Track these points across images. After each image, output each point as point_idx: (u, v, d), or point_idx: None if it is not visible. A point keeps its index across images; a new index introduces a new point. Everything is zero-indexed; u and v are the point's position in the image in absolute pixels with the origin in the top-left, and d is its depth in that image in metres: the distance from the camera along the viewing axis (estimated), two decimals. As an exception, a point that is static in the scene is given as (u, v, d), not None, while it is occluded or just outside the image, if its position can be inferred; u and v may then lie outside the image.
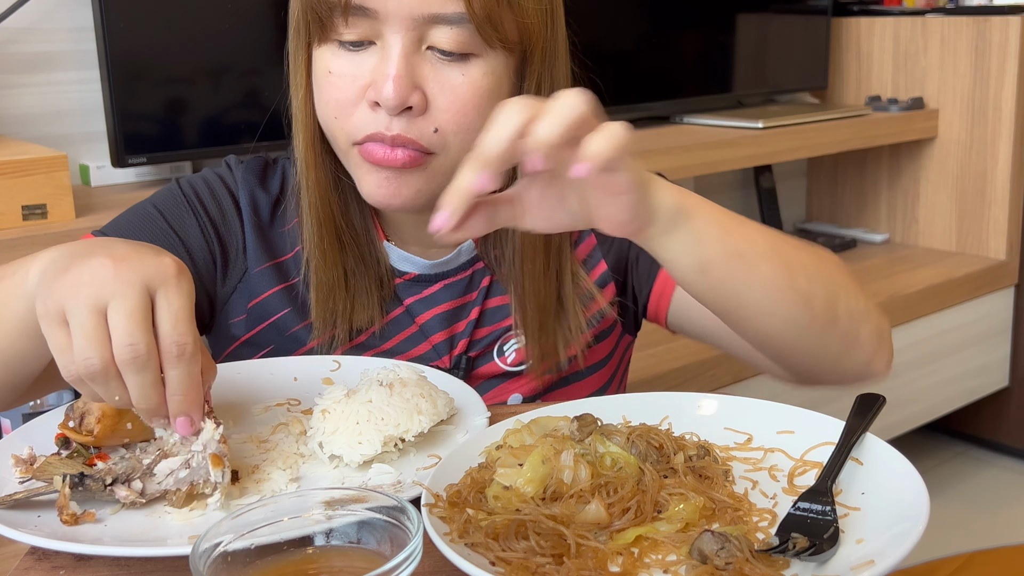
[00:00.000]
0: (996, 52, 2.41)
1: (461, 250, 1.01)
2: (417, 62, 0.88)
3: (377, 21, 0.87)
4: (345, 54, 0.90)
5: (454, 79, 0.89)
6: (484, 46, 0.89)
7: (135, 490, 0.70)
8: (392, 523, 0.58)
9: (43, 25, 1.67)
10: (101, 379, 0.68)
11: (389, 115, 0.88)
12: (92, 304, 0.67)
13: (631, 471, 0.68)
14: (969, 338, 2.47)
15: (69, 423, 0.78)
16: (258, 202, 1.01)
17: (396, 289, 1.01)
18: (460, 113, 0.90)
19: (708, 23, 2.36)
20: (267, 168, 1.04)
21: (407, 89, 0.87)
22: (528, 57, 0.93)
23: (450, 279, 1.01)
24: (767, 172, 2.68)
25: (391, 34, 0.88)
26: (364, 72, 0.89)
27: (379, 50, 0.89)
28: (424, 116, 0.89)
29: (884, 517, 0.64)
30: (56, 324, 0.69)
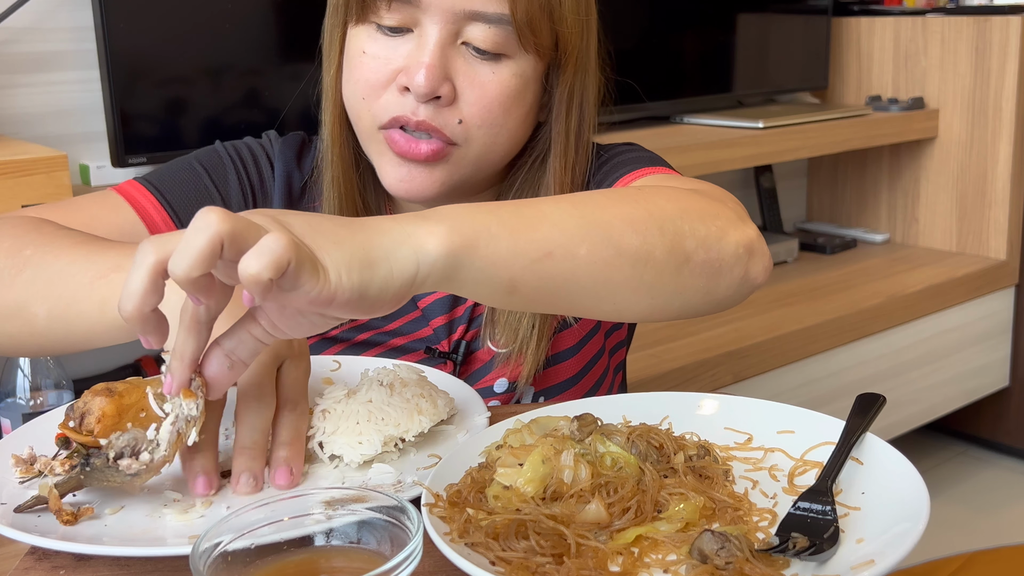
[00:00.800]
0: (996, 52, 2.41)
1: None
2: (451, 55, 0.90)
3: (418, 10, 0.89)
4: (382, 37, 0.92)
5: (484, 76, 0.91)
6: (519, 48, 0.91)
7: (143, 461, 0.69)
8: (392, 523, 0.58)
9: (43, 25, 1.67)
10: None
11: (417, 101, 0.90)
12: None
13: (631, 471, 0.68)
14: (969, 338, 2.47)
15: (69, 423, 0.78)
16: (292, 177, 1.04)
17: None
18: (486, 109, 0.92)
19: (708, 23, 2.36)
20: (304, 146, 1.07)
21: (439, 79, 0.89)
22: (562, 66, 0.95)
23: None
24: (767, 172, 2.68)
25: (430, 24, 0.89)
26: (398, 57, 0.91)
27: (415, 38, 0.91)
28: (451, 108, 0.91)
29: (884, 517, 0.64)
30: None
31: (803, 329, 2.11)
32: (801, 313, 2.18)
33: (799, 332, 2.11)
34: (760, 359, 2.05)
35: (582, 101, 0.98)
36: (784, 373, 2.10)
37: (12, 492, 0.72)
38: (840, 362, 2.20)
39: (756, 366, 2.04)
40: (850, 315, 2.19)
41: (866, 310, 2.22)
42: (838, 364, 2.20)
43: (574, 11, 0.94)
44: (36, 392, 1.52)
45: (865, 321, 2.22)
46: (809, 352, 2.13)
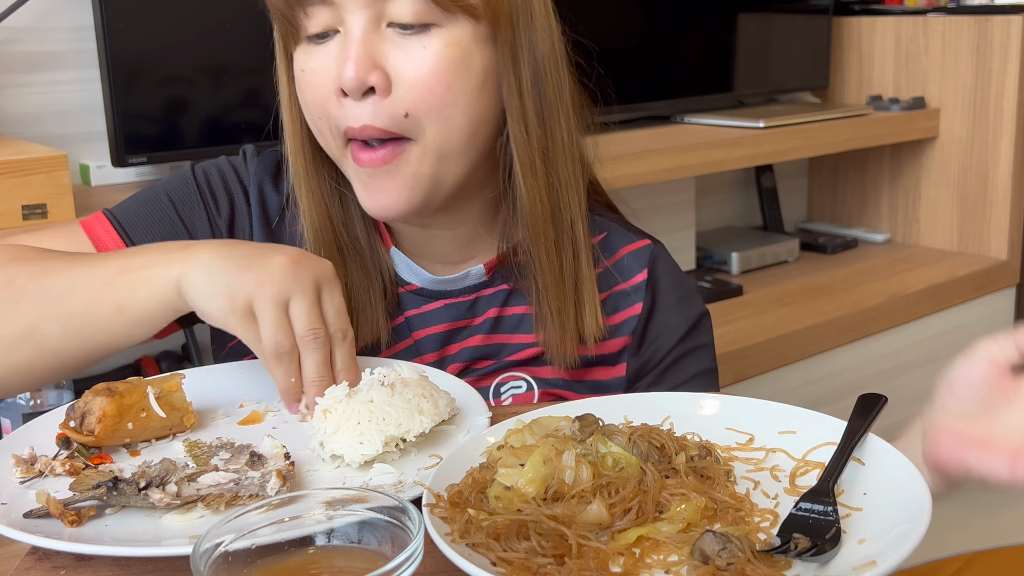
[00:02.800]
0: (997, 52, 2.41)
1: (470, 272, 0.99)
2: (376, 41, 0.86)
3: (336, 7, 0.86)
4: (315, 49, 0.89)
5: (415, 53, 0.86)
6: (443, 14, 0.86)
7: (170, 493, 0.69)
8: (393, 523, 0.57)
9: (43, 24, 1.67)
10: (287, 360, 0.81)
11: (354, 100, 0.86)
12: (277, 299, 0.80)
13: (632, 471, 0.68)
14: (970, 338, 2.44)
15: (70, 423, 0.78)
16: (267, 200, 1.01)
17: (400, 298, 0.99)
18: (426, 89, 0.86)
19: (709, 22, 2.36)
20: (282, 165, 1.02)
21: (365, 69, 0.85)
22: (497, 24, 0.89)
23: (451, 299, 0.99)
24: (768, 172, 2.68)
25: (350, 17, 0.86)
26: (331, 63, 0.88)
27: (341, 37, 0.87)
28: (389, 98, 0.86)
29: (886, 517, 0.64)
30: (245, 317, 0.80)
31: (804, 329, 2.11)
32: (802, 313, 2.18)
33: (800, 332, 2.10)
34: (761, 359, 2.04)
35: (534, 58, 0.91)
36: (785, 373, 2.10)
37: (12, 492, 0.72)
38: (841, 362, 2.20)
39: (757, 366, 2.04)
40: (851, 315, 2.19)
41: (867, 310, 2.22)
42: (839, 364, 2.20)
43: None
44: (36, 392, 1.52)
45: (866, 321, 2.22)
46: (810, 352, 2.13)
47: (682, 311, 1.02)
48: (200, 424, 0.84)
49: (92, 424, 0.77)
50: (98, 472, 0.72)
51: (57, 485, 0.72)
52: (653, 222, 2.23)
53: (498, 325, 1.00)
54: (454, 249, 0.99)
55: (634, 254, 1.02)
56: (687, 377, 1.01)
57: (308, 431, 0.79)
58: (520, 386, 0.99)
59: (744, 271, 2.46)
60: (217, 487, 0.70)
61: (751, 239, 2.57)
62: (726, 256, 2.46)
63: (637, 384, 1.01)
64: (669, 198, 2.31)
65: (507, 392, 0.99)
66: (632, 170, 1.90)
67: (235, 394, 0.89)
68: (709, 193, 2.64)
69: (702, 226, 2.58)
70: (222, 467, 0.72)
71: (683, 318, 1.02)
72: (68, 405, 0.80)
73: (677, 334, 1.02)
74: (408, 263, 0.99)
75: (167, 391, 0.81)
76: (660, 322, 1.02)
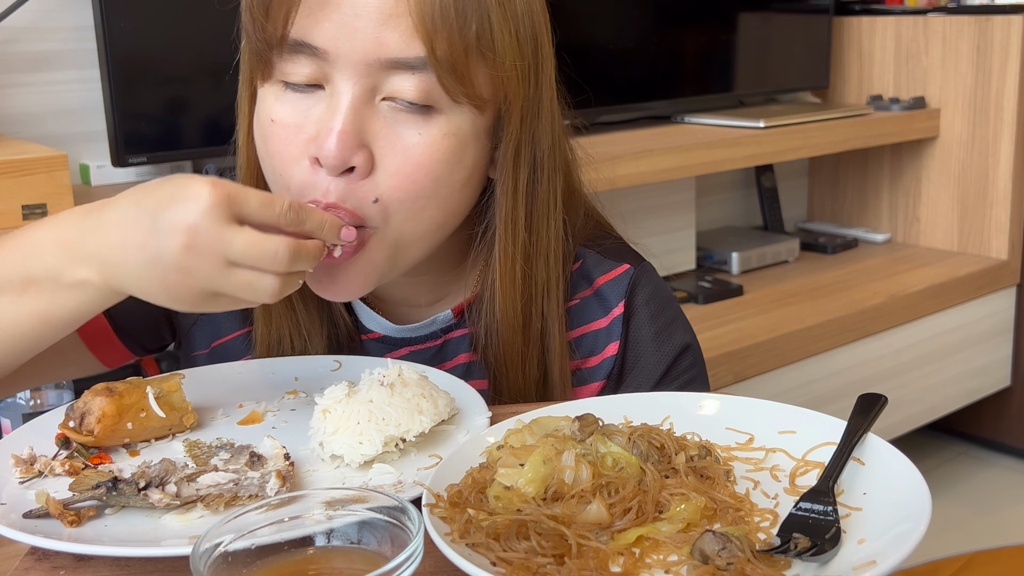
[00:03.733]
0: (998, 51, 2.41)
1: (437, 318, 0.94)
2: (368, 115, 0.78)
3: (326, 63, 0.77)
4: (290, 97, 0.79)
5: (408, 138, 0.78)
6: (448, 100, 0.78)
7: (169, 493, 0.69)
8: (393, 523, 0.57)
9: (43, 24, 1.67)
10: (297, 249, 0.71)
11: (329, 175, 0.78)
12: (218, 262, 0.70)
13: (632, 471, 0.68)
14: (971, 338, 2.47)
15: (69, 423, 0.78)
16: None
17: (364, 345, 0.96)
18: (409, 179, 0.78)
19: (709, 22, 2.36)
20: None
21: (351, 147, 0.77)
22: (504, 117, 0.82)
23: (416, 346, 0.95)
24: (768, 172, 2.68)
25: (341, 80, 0.77)
26: (309, 122, 0.79)
27: (328, 97, 0.78)
28: (368, 179, 0.78)
29: (886, 517, 0.64)
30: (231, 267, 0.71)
31: (804, 329, 2.11)
32: (802, 313, 2.18)
33: (800, 332, 2.10)
34: (761, 359, 2.04)
35: (533, 156, 0.85)
36: (785, 373, 2.10)
37: (12, 492, 0.72)
38: (841, 362, 2.20)
39: (757, 366, 2.04)
40: (851, 315, 2.19)
41: (867, 310, 2.22)
42: (839, 364, 2.20)
43: (514, 52, 0.80)
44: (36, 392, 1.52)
45: (866, 321, 2.22)
46: (810, 352, 2.13)
47: (660, 345, 0.96)
48: (200, 424, 0.84)
49: (91, 424, 0.77)
50: (98, 472, 0.72)
51: (57, 485, 0.72)
52: (653, 222, 2.23)
53: (471, 372, 0.94)
54: (420, 294, 0.95)
55: (611, 284, 0.96)
56: None
57: (308, 431, 0.79)
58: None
59: (744, 271, 2.46)
60: (216, 487, 0.70)
61: (751, 239, 2.57)
62: (726, 256, 2.46)
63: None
64: (669, 198, 2.31)
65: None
66: (632, 170, 1.90)
67: (235, 394, 0.89)
68: (709, 193, 2.64)
69: (702, 226, 2.58)
70: (222, 467, 0.72)
71: (661, 355, 0.95)
72: (68, 405, 0.80)
73: (655, 373, 0.95)
74: (369, 313, 0.95)
75: (167, 391, 0.81)
76: (637, 360, 0.95)
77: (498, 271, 0.87)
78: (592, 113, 0.94)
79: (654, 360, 0.96)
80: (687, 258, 2.41)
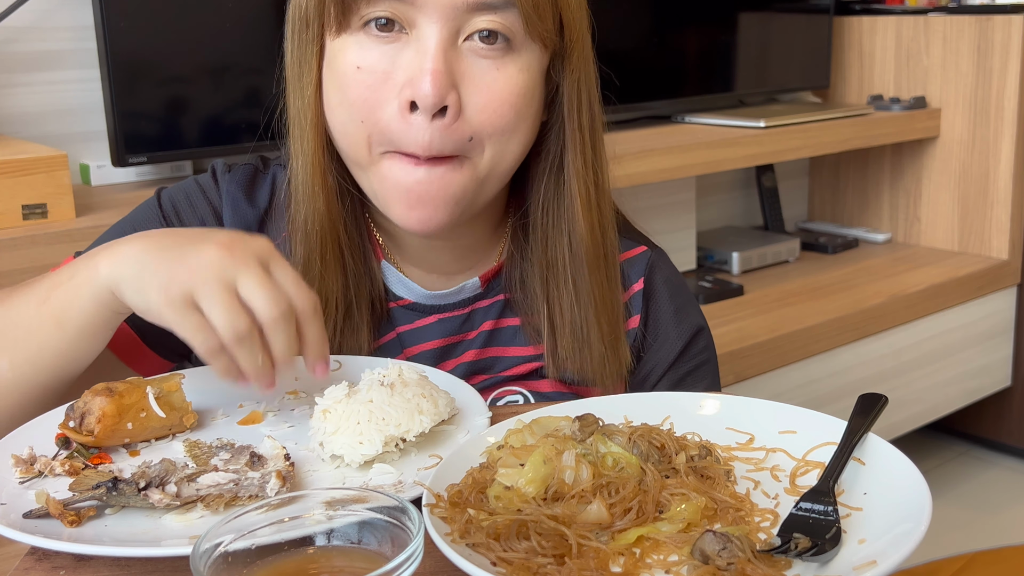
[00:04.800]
0: (998, 51, 2.41)
1: (465, 286, 0.97)
2: (454, 57, 0.82)
3: (412, 7, 0.81)
4: (375, 45, 0.83)
5: (489, 75, 0.83)
6: (525, 38, 0.84)
7: (169, 493, 0.69)
8: (393, 523, 0.57)
9: (43, 24, 1.67)
10: (248, 343, 0.74)
11: (425, 116, 0.82)
12: (222, 282, 0.73)
13: (633, 471, 0.68)
14: (971, 338, 2.47)
15: (69, 423, 0.78)
16: (242, 218, 0.96)
17: (391, 313, 0.97)
18: (496, 114, 0.84)
19: (710, 22, 2.36)
20: (256, 177, 0.98)
21: (446, 87, 0.81)
22: (567, 55, 0.88)
23: (445, 314, 0.97)
24: (769, 171, 2.68)
25: (427, 23, 0.81)
26: (398, 68, 0.83)
27: (413, 42, 0.82)
28: (459, 121, 0.83)
29: (886, 517, 0.64)
30: (183, 306, 0.73)
31: (805, 329, 2.11)
32: (803, 313, 2.18)
33: (800, 332, 2.10)
34: (761, 359, 2.04)
35: (589, 94, 0.92)
36: (786, 373, 2.10)
37: (12, 492, 0.72)
38: (842, 362, 2.20)
39: (757, 366, 2.04)
40: (852, 315, 2.19)
41: (868, 310, 2.22)
42: (840, 364, 2.20)
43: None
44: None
45: (867, 321, 2.22)
46: (811, 352, 2.13)
47: (680, 322, 1.00)
48: (200, 424, 0.84)
49: (91, 424, 0.77)
50: (98, 472, 0.72)
51: (56, 485, 0.72)
52: (653, 222, 2.23)
53: (493, 338, 0.98)
54: (452, 260, 0.98)
55: (631, 262, 1.00)
56: None
57: (308, 431, 0.79)
58: (517, 400, 0.97)
59: (745, 271, 2.46)
60: (216, 487, 0.70)
61: (752, 239, 2.57)
62: (727, 256, 2.46)
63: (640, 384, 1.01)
64: (670, 198, 2.31)
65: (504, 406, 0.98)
66: (632, 170, 1.90)
67: (235, 394, 0.89)
68: (710, 193, 2.64)
69: (703, 226, 2.58)
70: (222, 467, 0.72)
71: (680, 330, 1.00)
72: (68, 405, 0.80)
73: (675, 350, 0.99)
74: (400, 277, 0.96)
75: (167, 391, 0.81)
76: (657, 335, 0.99)
77: (578, 203, 0.91)
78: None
79: (674, 336, 0.99)
80: (687, 258, 2.41)
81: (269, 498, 0.63)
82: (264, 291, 0.73)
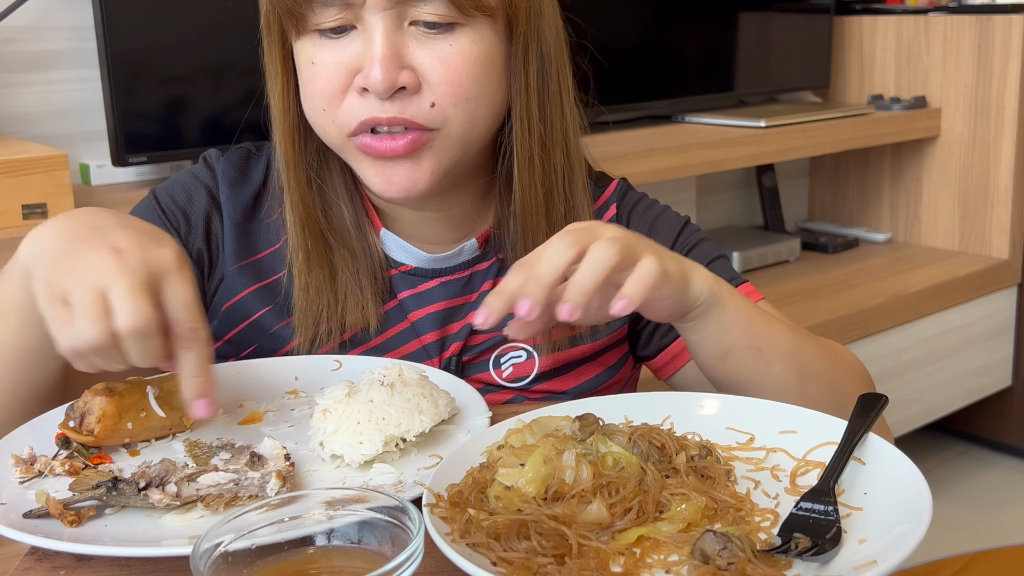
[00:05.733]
0: (999, 51, 2.41)
1: (464, 248, 0.99)
2: (401, 40, 0.86)
3: (355, 5, 0.86)
4: (327, 43, 0.88)
5: (443, 50, 0.87)
6: (462, 15, 0.87)
7: (169, 493, 0.69)
8: (393, 523, 0.57)
9: (43, 24, 1.67)
10: (103, 352, 0.70)
11: (380, 99, 0.86)
12: (94, 285, 0.70)
13: (633, 471, 0.68)
14: (972, 338, 2.46)
15: (69, 423, 0.78)
16: (239, 196, 0.99)
17: (391, 281, 0.99)
18: (455, 84, 0.87)
19: (710, 22, 2.36)
20: (249, 158, 1.01)
21: (395, 70, 0.85)
22: (514, 18, 0.91)
23: (447, 276, 0.99)
24: (769, 171, 2.68)
25: (370, 16, 0.86)
26: (348, 59, 0.87)
27: (361, 34, 0.87)
28: (418, 94, 0.87)
29: (887, 517, 0.64)
30: (56, 302, 0.71)
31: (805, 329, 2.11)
32: (803, 313, 2.18)
33: (801, 332, 2.10)
34: (762, 359, 2.04)
35: (540, 51, 0.93)
36: (786, 373, 2.09)
37: (12, 492, 0.72)
38: (842, 362, 2.20)
39: (758, 366, 2.03)
40: (852, 315, 2.19)
41: (868, 310, 2.22)
42: (840, 364, 2.19)
43: None
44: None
45: (867, 321, 2.22)
46: (811, 352, 2.12)
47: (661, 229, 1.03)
48: (200, 424, 0.84)
49: (92, 424, 0.77)
50: (98, 472, 0.72)
51: (57, 485, 0.72)
52: (654, 222, 2.22)
53: None
54: (446, 231, 1.00)
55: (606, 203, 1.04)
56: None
57: (308, 431, 0.79)
58: (520, 356, 0.99)
59: (745, 271, 2.45)
60: (217, 487, 0.70)
61: (752, 238, 2.57)
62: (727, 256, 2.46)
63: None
64: (670, 197, 2.30)
65: (507, 363, 0.99)
66: (633, 169, 1.90)
67: (235, 394, 0.89)
68: (710, 192, 2.64)
69: (703, 225, 2.58)
70: (222, 467, 0.72)
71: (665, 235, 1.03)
72: (68, 405, 0.80)
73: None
74: (401, 243, 0.98)
75: (167, 391, 0.81)
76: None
77: (515, 160, 0.94)
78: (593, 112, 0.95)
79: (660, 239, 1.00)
80: (688, 258, 2.40)
81: (269, 498, 0.63)
82: (126, 302, 0.69)
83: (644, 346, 1.04)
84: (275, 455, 0.73)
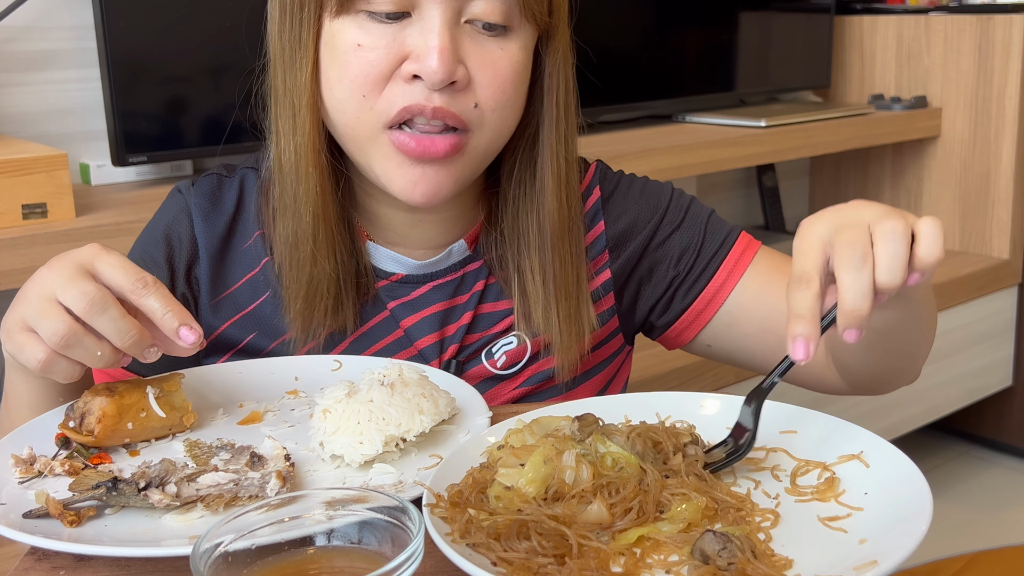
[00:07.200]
0: (999, 50, 2.41)
1: (452, 250, 0.98)
2: (458, 35, 0.86)
3: None
4: (376, 26, 0.85)
5: (494, 54, 0.87)
6: (521, 19, 0.88)
7: (169, 493, 0.69)
8: (393, 523, 0.57)
9: (43, 23, 1.67)
10: (75, 341, 0.73)
11: (430, 90, 0.85)
12: (41, 297, 0.74)
13: (633, 471, 0.68)
14: (973, 337, 2.46)
15: (69, 423, 0.78)
16: (213, 227, 0.97)
17: (379, 292, 0.97)
18: (500, 89, 0.88)
19: (711, 21, 2.36)
20: (221, 184, 0.99)
21: (453, 63, 0.84)
22: (551, 33, 0.92)
23: (440, 280, 0.98)
24: (770, 171, 2.68)
25: (430, 5, 0.84)
26: (399, 44, 0.85)
27: (416, 22, 0.85)
28: (465, 92, 0.86)
29: (887, 517, 0.64)
30: (17, 332, 0.75)
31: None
32: (803, 312, 2.17)
33: (801, 331, 2.10)
34: (762, 358, 2.04)
35: (566, 70, 0.95)
36: (786, 372, 2.09)
37: (12, 492, 0.72)
38: (842, 361, 2.20)
39: (758, 365, 2.03)
40: (852, 314, 2.18)
41: (868, 309, 2.21)
42: (840, 363, 2.19)
43: None
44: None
45: (867, 320, 2.21)
46: (811, 351, 2.12)
47: (651, 199, 1.03)
48: (200, 424, 0.84)
49: (92, 424, 0.77)
50: (97, 472, 0.72)
51: (56, 485, 0.72)
52: (654, 221, 2.22)
53: (484, 295, 0.99)
54: (437, 234, 0.99)
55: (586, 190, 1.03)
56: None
57: (308, 431, 0.79)
58: (511, 342, 0.98)
59: (745, 270, 2.45)
60: (216, 488, 0.70)
61: (752, 238, 2.56)
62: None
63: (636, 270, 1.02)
64: (670, 197, 2.31)
65: (500, 351, 0.98)
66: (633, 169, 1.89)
67: (235, 394, 0.89)
68: (710, 192, 2.64)
69: (703, 225, 2.58)
70: (222, 467, 0.72)
71: (656, 203, 1.03)
72: (68, 405, 0.80)
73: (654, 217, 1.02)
74: (389, 254, 0.97)
75: (167, 391, 0.81)
76: (628, 220, 1.02)
77: (548, 177, 0.94)
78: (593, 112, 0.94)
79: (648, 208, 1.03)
80: (688, 257, 2.40)
81: (269, 498, 0.63)
82: (72, 289, 0.73)
83: (661, 314, 1.03)
84: (275, 455, 0.73)
